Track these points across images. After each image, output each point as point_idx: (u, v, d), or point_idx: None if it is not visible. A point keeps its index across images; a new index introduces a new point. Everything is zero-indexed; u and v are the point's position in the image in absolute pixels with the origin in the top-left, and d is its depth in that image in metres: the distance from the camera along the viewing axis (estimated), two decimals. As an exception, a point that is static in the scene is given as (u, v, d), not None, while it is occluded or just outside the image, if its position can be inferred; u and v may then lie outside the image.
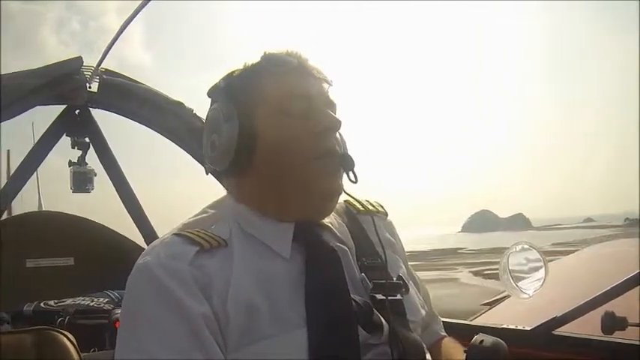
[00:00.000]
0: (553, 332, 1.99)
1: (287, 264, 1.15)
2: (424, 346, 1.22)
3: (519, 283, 2.07)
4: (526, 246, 2.06)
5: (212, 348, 1.01)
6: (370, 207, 1.42)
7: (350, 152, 1.28)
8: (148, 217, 3.08)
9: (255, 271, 1.11)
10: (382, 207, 1.46)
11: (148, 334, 1.01)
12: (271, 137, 1.18)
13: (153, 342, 1.00)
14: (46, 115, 2.88)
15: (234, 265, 1.10)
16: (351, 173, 1.23)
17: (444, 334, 1.51)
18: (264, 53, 1.27)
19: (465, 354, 1.18)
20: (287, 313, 1.08)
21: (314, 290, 1.12)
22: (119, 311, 2.49)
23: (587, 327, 1.92)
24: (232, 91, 1.23)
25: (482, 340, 1.16)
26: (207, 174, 1.33)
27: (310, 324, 1.07)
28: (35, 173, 3.04)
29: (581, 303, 1.94)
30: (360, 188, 1.28)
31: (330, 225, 1.28)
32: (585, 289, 2.11)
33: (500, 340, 1.17)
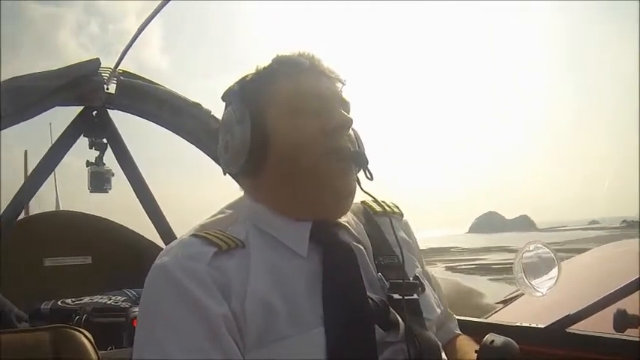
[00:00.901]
0: (566, 330, 1.99)
1: (304, 263, 1.16)
2: (439, 344, 1.23)
3: (533, 282, 2.07)
4: (539, 245, 2.06)
5: (231, 348, 1.02)
6: (387, 208, 1.43)
7: (366, 150, 1.29)
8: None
9: (273, 271, 1.12)
10: (398, 208, 1.47)
11: (166, 334, 1.01)
12: (283, 137, 1.19)
13: (171, 342, 1.00)
14: (63, 116, 2.90)
15: (251, 265, 1.11)
16: (365, 171, 1.24)
17: (458, 332, 1.51)
18: (277, 56, 1.27)
19: (476, 354, 1.18)
20: (305, 313, 1.08)
21: (331, 289, 1.12)
22: (137, 309, 2.51)
23: (604, 325, 1.92)
24: (245, 94, 1.25)
25: (492, 340, 1.16)
26: (224, 174, 1.33)
27: (328, 323, 1.07)
28: (53, 173, 3.07)
29: (594, 301, 1.94)
30: (373, 185, 1.28)
31: (346, 224, 1.29)
32: (598, 288, 2.11)
33: (511, 340, 1.17)
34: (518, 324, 2.15)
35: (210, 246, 1.11)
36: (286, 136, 1.19)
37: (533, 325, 2.09)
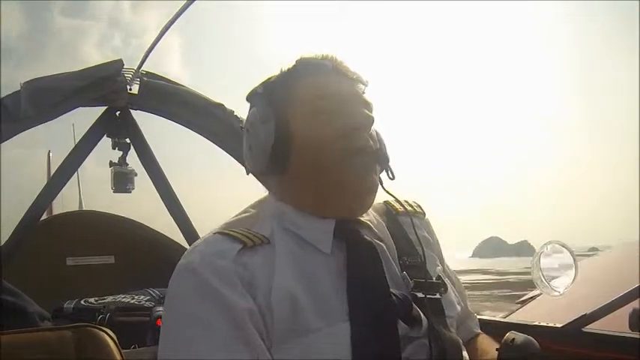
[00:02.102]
0: (583, 329, 1.99)
1: (328, 259, 1.18)
2: (461, 342, 1.24)
3: (551, 282, 2.08)
4: (557, 245, 2.07)
5: (257, 343, 1.03)
6: (409, 207, 1.43)
7: (387, 149, 1.30)
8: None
9: (297, 267, 1.13)
10: (420, 207, 1.47)
11: (192, 331, 1.02)
12: (306, 136, 1.20)
13: (198, 339, 1.01)
14: (85, 116, 2.92)
15: (276, 261, 1.13)
16: (388, 170, 1.27)
17: (478, 331, 1.52)
18: (300, 57, 1.29)
19: (497, 352, 1.20)
20: (330, 308, 1.10)
21: (355, 285, 1.14)
22: (160, 309, 2.52)
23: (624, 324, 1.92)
24: (268, 95, 1.26)
25: (513, 338, 1.18)
26: (247, 174, 1.35)
27: (353, 317, 1.09)
28: (76, 173, 3.09)
29: (611, 300, 1.94)
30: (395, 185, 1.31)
31: (368, 222, 1.30)
32: (615, 287, 2.11)
33: (532, 338, 1.19)
34: (535, 323, 2.16)
35: (235, 243, 1.13)
36: (309, 136, 1.20)
37: (551, 325, 2.10)
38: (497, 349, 1.20)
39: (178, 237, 3.17)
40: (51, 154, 10.32)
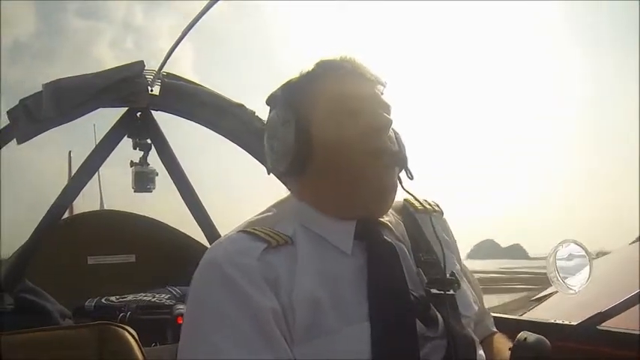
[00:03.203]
0: (598, 327, 1.99)
1: (348, 260, 1.18)
2: (476, 341, 1.25)
3: (566, 280, 2.10)
4: (572, 244, 2.09)
5: (279, 342, 1.04)
6: (427, 206, 1.44)
7: (406, 150, 1.31)
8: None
9: (319, 267, 1.14)
10: (438, 206, 1.48)
11: (215, 328, 1.03)
12: (327, 138, 1.21)
13: (220, 336, 1.02)
14: (105, 117, 2.94)
15: (298, 261, 1.13)
16: (406, 170, 1.27)
17: (494, 329, 1.53)
18: (320, 60, 1.31)
19: (509, 351, 1.20)
20: (350, 308, 1.10)
21: (376, 285, 1.14)
22: (181, 307, 2.53)
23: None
24: (288, 96, 1.27)
25: (525, 338, 1.18)
26: (268, 174, 1.36)
27: (373, 318, 1.09)
28: (97, 173, 3.11)
29: (626, 298, 1.94)
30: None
31: (388, 223, 1.31)
32: (630, 286, 2.11)
33: (544, 338, 1.19)
34: (551, 321, 2.17)
35: (259, 242, 1.13)
36: (329, 137, 1.21)
37: (566, 322, 2.11)
38: (509, 349, 1.21)
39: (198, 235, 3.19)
40: (72, 154, 10.40)
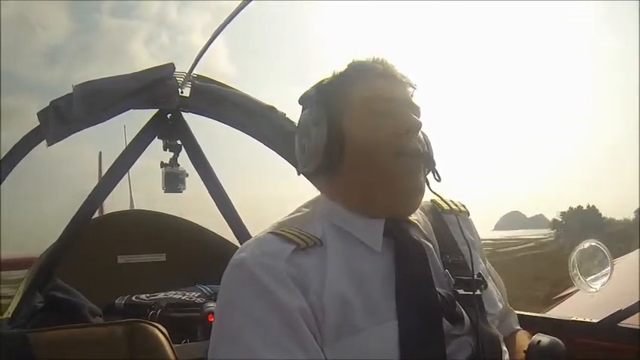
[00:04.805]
0: (619, 324, 1.98)
1: (378, 258, 1.20)
2: (501, 338, 1.26)
3: (587, 278, 2.11)
4: (594, 243, 2.10)
5: (309, 341, 1.05)
6: (454, 206, 1.46)
7: (434, 152, 1.33)
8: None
9: (349, 267, 1.15)
10: (465, 207, 1.50)
11: (244, 328, 1.04)
12: (358, 138, 1.23)
13: (250, 335, 1.03)
14: (136, 118, 2.97)
15: (328, 261, 1.15)
16: (434, 171, 1.29)
17: (518, 327, 1.55)
18: (352, 61, 1.33)
19: (524, 353, 1.23)
20: (379, 306, 1.12)
21: (404, 284, 1.16)
22: (211, 304, 2.55)
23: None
24: (320, 97, 1.29)
25: (539, 341, 1.22)
26: (298, 175, 1.39)
27: (401, 316, 1.11)
28: (127, 174, 3.14)
29: None
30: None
31: (416, 222, 1.33)
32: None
33: (558, 340, 1.22)
34: (572, 318, 2.16)
35: (288, 244, 1.15)
36: (361, 137, 1.23)
37: (587, 320, 2.10)
38: (524, 351, 1.23)
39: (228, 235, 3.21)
40: (102, 154, 10.48)
